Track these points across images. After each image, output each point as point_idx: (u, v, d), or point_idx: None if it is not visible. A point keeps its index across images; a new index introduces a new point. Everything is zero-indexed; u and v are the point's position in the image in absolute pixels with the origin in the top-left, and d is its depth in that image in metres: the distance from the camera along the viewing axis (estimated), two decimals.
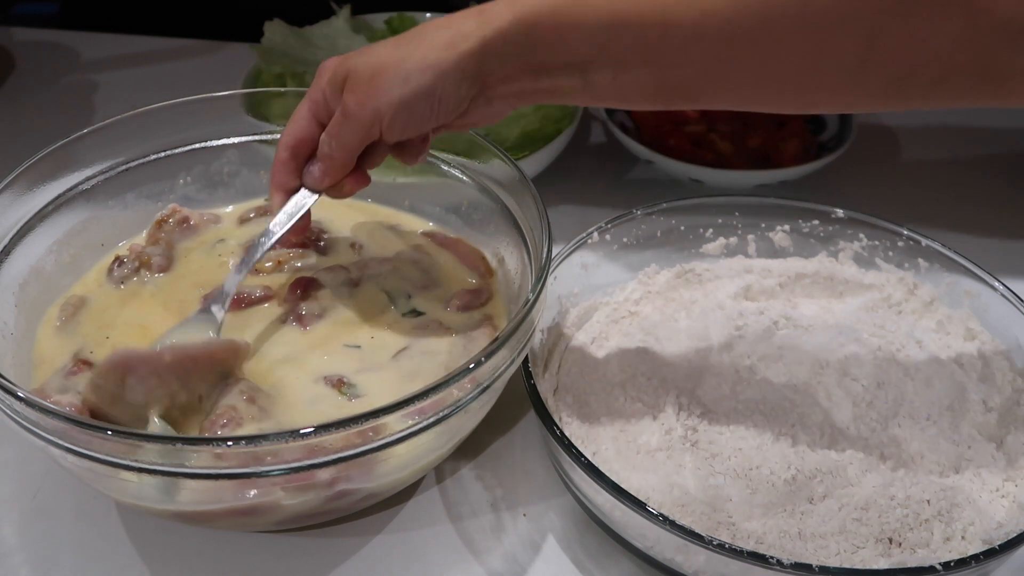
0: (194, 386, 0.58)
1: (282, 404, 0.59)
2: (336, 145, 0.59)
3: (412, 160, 0.63)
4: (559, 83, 0.56)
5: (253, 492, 0.52)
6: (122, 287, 0.69)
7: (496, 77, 0.57)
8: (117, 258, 0.70)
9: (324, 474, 0.51)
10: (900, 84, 0.52)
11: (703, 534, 0.52)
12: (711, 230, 0.80)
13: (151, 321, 0.66)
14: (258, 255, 0.64)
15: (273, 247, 0.64)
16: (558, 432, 0.58)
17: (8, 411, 0.51)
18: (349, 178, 0.62)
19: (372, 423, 0.49)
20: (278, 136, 0.76)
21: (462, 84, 0.56)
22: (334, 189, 0.63)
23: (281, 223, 0.63)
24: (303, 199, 0.63)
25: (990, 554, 0.53)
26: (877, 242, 0.77)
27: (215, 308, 0.63)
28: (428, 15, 1.07)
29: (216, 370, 0.59)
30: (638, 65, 0.54)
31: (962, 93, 0.52)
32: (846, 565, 0.56)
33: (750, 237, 0.79)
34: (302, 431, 0.48)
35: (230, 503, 0.53)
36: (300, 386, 0.61)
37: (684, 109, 0.58)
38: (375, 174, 0.77)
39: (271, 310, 0.67)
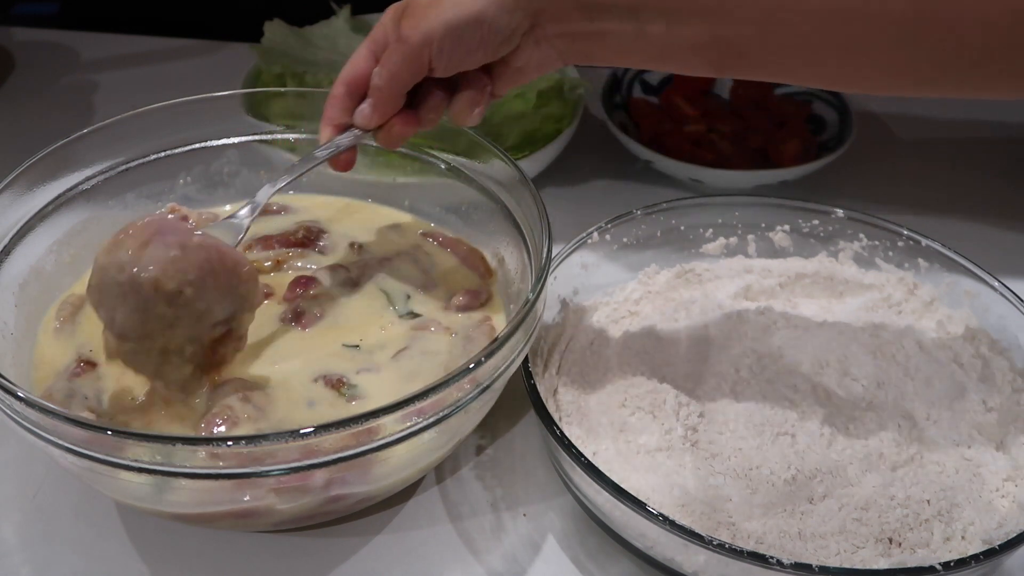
0: (208, 297, 0.55)
1: (279, 404, 0.59)
2: (386, 74, 0.59)
3: (467, 114, 0.61)
4: (611, 27, 0.56)
5: (247, 496, 0.52)
6: None
7: (548, 13, 0.56)
8: None
9: (320, 477, 0.51)
10: (945, 62, 0.51)
11: (703, 534, 0.52)
12: (711, 230, 0.80)
13: None
14: (296, 173, 0.63)
15: (308, 171, 0.63)
16: (558, 432, 0.58)
17: (8, 411, 0.51)
18: (398, 118, 0.61)
19: (372, 423, 0.49)
20: (278, 136, 0.77)
21: (514, 13, 0.55)
22: (383, 131, 0.62)
23: (327, 148, 0.62)
24: (353, 135, 0.62)
25: (990, 554, 0.53)
26: (877, 242, 0.77)
27: (242, 213, 0.62)
28: None
29: (233, 294, 0.57)
30: (692, 15, 0.54)
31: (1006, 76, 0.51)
32: (846, 565, 0.56)
33: (750, 237, 0.79)
34: (302, 431, 0.48)
35: (226, 506, 0.53)
36: (298, 386, 0.61)
37: (736, 77, 0.58)
38: (375, 174, 0.78)
39: (270, 309, 0.67)
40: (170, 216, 0.54)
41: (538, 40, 0.58)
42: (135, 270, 0.53)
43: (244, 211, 0.62)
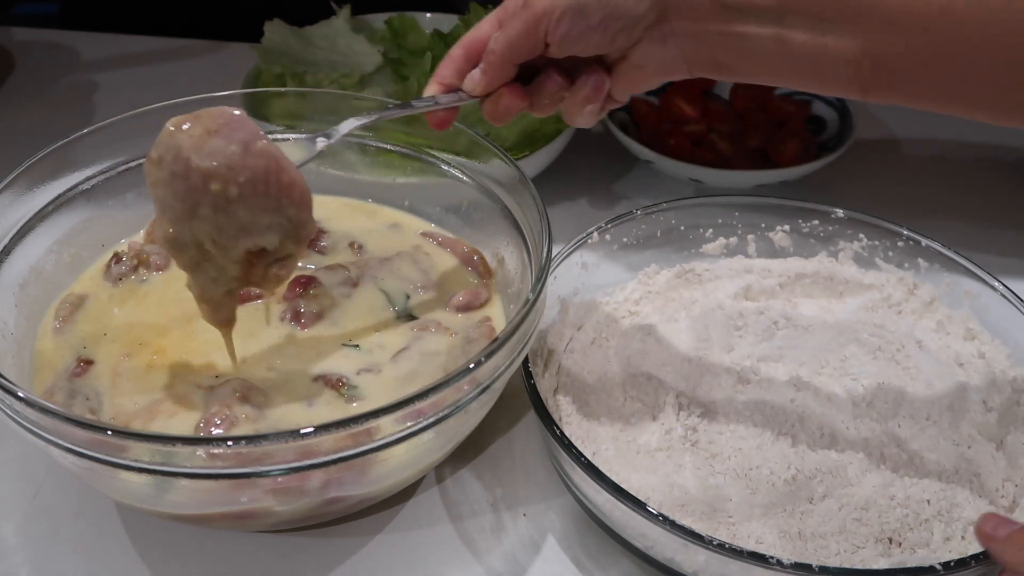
0: (252, 206, 0.54)
1: (278, 404, 0.59)
2: (502, 39, 0.56)
3: (578, 110, 0.59)
4: (751, 30, 0.52)
5: (245, 498, 0.52)
6: (120, 285, 0.69)
7: (680, 8, 0.53)
8: (115, 255, 0.70)
9: (317, 479, 0.51)
10: None
11: (703, 534, 0.52)
12: (711, 230, 0.80)
13: (149, 319, 0.66)
14: (387, 116, 0.61)
15: (397, 117, 0.62)
16: (558, 432, 0.58)
17: (8, 411, 0.51)
18: (507, 88, 0.59)
19: (371, 424, 0.49)
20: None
21: (642, 0, 0.53)
22: (491, 101, 0.60)
23: (425, 101, 0.60)
24: (456, 96, 0.61)
25: (990, 554, 0.53)
26: (877, 242, 0.77)
27: (320, 139, 0.60)
28: (428, 15, 1.07)
29: (280, 214, 0.55)
30: (842, 23, 0.49)
31: None
32: (846, 565, 0.56)
33: (750, 237, 0.79)
34: (302, 431, 0.48)
35: (224, 507, 0.53)
36: (298, 385, 0.61)
37: (881, 100, 0.52)
38: (375, 174, 0.78)
39: (270, 308, 0.67)
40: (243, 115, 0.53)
41: (664, 37, 0.55)
42: (190, 155, 0.52)
43: (321, 138, 0.60)
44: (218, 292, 0.57)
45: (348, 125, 0.61)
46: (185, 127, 0.52)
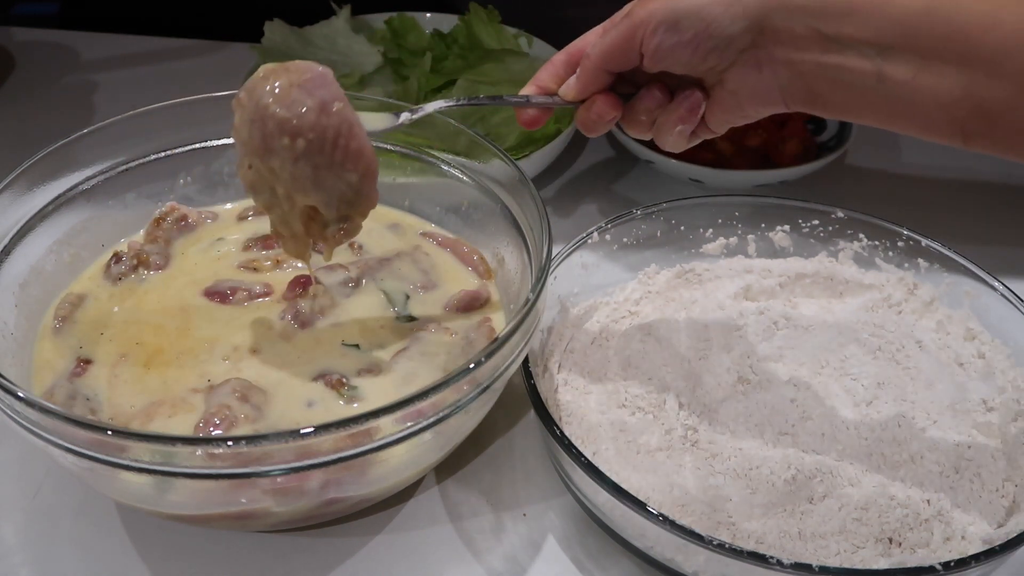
0: (315, 162, 0.55)
1: (278, 403, 0.59)
2: (600, 46, 0.57)
3: (670, 129, 0.59)
4: (849, 63, 0.50)
5: (244, 499, 0.52)
6: (119, 284, 0.69)
7: (778, 35, 0.52)
8: (115, 255, 0.70)
9: (316, 480, 0.51)
10: None
11: (703, 534, 0.52)
12: (711, 230, 0.80)
13: (147, 318, 0.66)
14: (476, 103, 0.62)
15: (485, 105, 0.63)
16: (558, 432, 0.58)
17: (8, 411, 0.51)
18: (601, 97, 0.59)
19: (372, 424, 0.49)
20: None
21: (736, 21, 0.52)
22: (584, 108, 0.60)
23: (517, 98, 0.61)
24: (549, 98, 0.61)
25: (990, 554, 0.53)
26: (877, 242, 0.77)
27: (404, 113, 0.61)
28: (428, 15, 1.07)
29: (341, 178, 0.56)
30: (945, 62, 0.48)
31: None
32: (846, 565, 0.56)
33: (750, 237, 0.79)
34: (302, 431, 0.48)
35: (223, 507, 0.53)
36: (298, 385, 0.61)
37: (980, 148, 0.50)
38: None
39: (269, 307, 0.67)
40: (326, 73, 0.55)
41: (760, 63, 0.54)
42: (269, 102, 0.54)
43: (407, 113, 0.61)
44: (287, 232, 0.59)
45: (433, 106, 0.62)
46: (273, 75, 0.55)
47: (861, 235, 0.77)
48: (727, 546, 0.51)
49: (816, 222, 0.78)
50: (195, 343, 0.64)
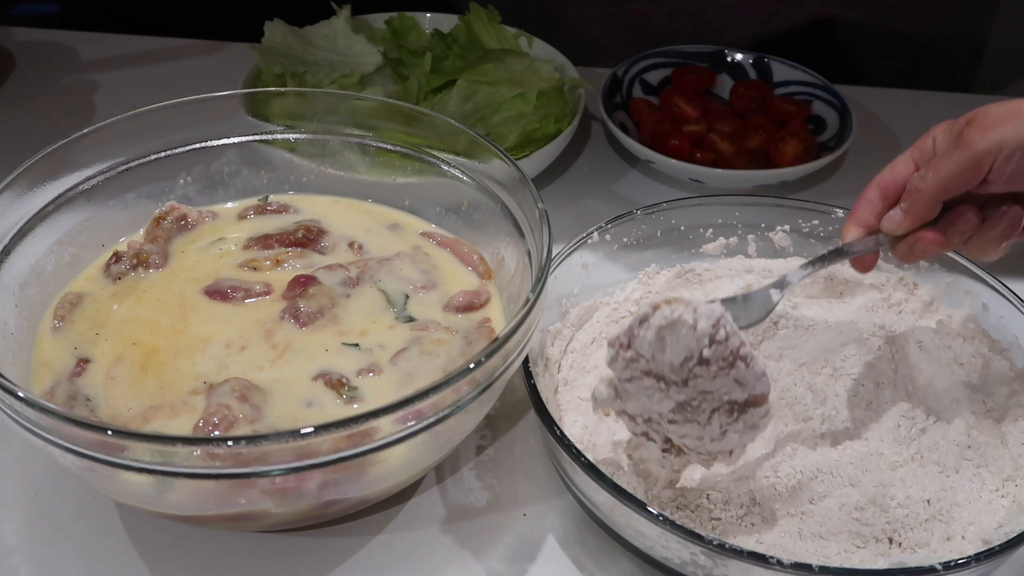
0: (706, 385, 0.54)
1: (277, 403, 0.59)
2: (930, 176, 0.57)
3: (994, 245, 0.60)
4: None
5: (243, 500, 0.52)
6: (118, 283, 0.69)
7: None
8: (115, 254, 0.70)
9: (315, 480, 0.51)
10: None
11: (703, 534, 0.52)
12: (711, 230, 0.80)
13: (146, 318, 0.66)
14: (822, 264, 0.63)
15: (826, 267, 0.64)
16: (558, 432, 0.58)
17: (8, 411, 0.51)
18: (928, 232, 0.59)
19: (371, 424, 0.49)
20: (278, 136, 0.77)
21: None
22: (905, 243, 0.60)
23: (852, 247, 0.62)
24: (875, 240, 0.62)
25: (990, 554, 0.53)
26: None
27: (774, 291, 0.63)
28: (428, 15, 1.07)
29: (733, 400, 0.55)
30: None
31: None
32: (846, 565, 0.56)
33: (750, 237, 0.79)
34: (303, 431, 0.48)
35: (222, 508, 0.53)
36: (297, 385, 0.61)
37: None
38: (375, 174, 0.78)
39: (269, 307, 0.67)
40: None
41: None
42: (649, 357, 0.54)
43: (775, 290, 0.63)
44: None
45: (796, 276, 0.64)
46: (637, 330, 0.54)
47: None
48: (727, 546, 0.51)
49: (816, 222, 0.78)
50: (192, 341, 0.64)
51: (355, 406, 0.60)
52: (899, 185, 0.60)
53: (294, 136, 0.77)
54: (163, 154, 0.74)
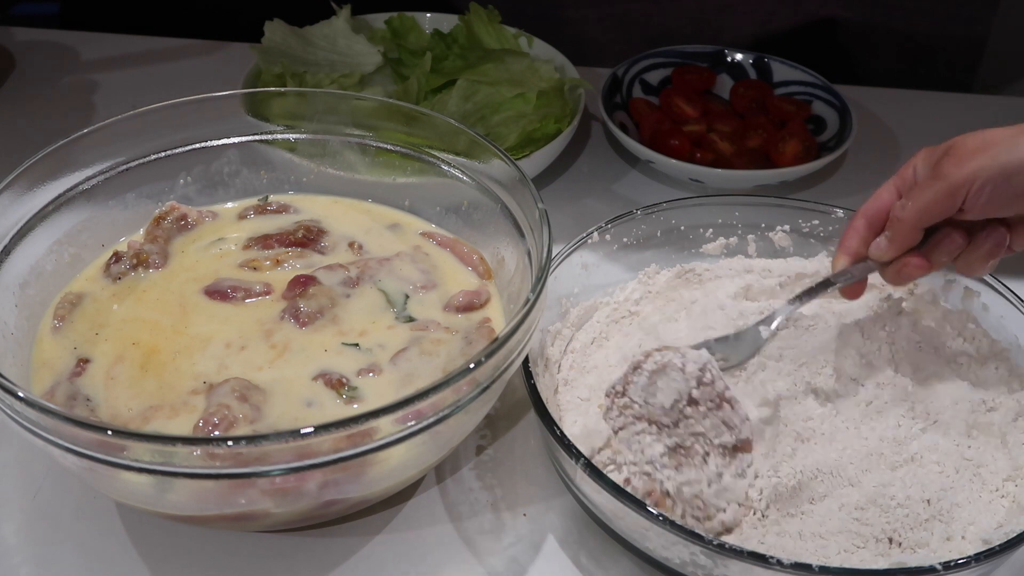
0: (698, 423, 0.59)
1: (277, 403, 0.59)
2: (911, 206, 0.60)
3: (981, 264, 0.63)
4: None
5: (243, 500, 0.52)
6: (118, 283, 0.69)
7: None
8: (115, 254, 0.70)
9: (315, 481, 0.51)
10: None
11: (703, 534, 0.52)
12: (711, 230, 0.80)
13: (146, 318, 0.66)
14: (812, 295, 0.67)
15: (817, 295, 0.67)
16: (558, 432, 0.58)
17: (8, 411, 0.51)
18: (912, 257, 0.62)
19: (371, 424, 0.49)
20: (278, 136, 0.77)
21: None
22: (893, 268, 0.63)
23: (842, 276, 0.65)
24: (865, 267, 0.65)
25: (990, 554, 0.53)
26: None
27: (763, 328, 0.67)
28: (428, 15, 1.07)
29: (723, 443, 0.60)
30: None
31: None
32: (846, 565, 0.56)
33: (750, 237, 0.79)
34: (303, 431, 0.48)
35: (222, 508, 0.53)
36: (297, 384, 0.61)
37: None
38: (375, 174, 0.78)
39: (269, 306, 0.67)
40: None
41: None
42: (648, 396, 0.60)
43: (764, 327, 0.67)
44: None
45: (784, 311, 0.68)
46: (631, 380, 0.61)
47: None
48: (727, 546, 0.51)
49: (816, 222, 0.78)
50: (192, 341, 0.64)
51: (355, 406, 0.60)
52: (883, 213, 0.63)
53: (294, 136, 0.77)
54: (163, 154, 0.74)
